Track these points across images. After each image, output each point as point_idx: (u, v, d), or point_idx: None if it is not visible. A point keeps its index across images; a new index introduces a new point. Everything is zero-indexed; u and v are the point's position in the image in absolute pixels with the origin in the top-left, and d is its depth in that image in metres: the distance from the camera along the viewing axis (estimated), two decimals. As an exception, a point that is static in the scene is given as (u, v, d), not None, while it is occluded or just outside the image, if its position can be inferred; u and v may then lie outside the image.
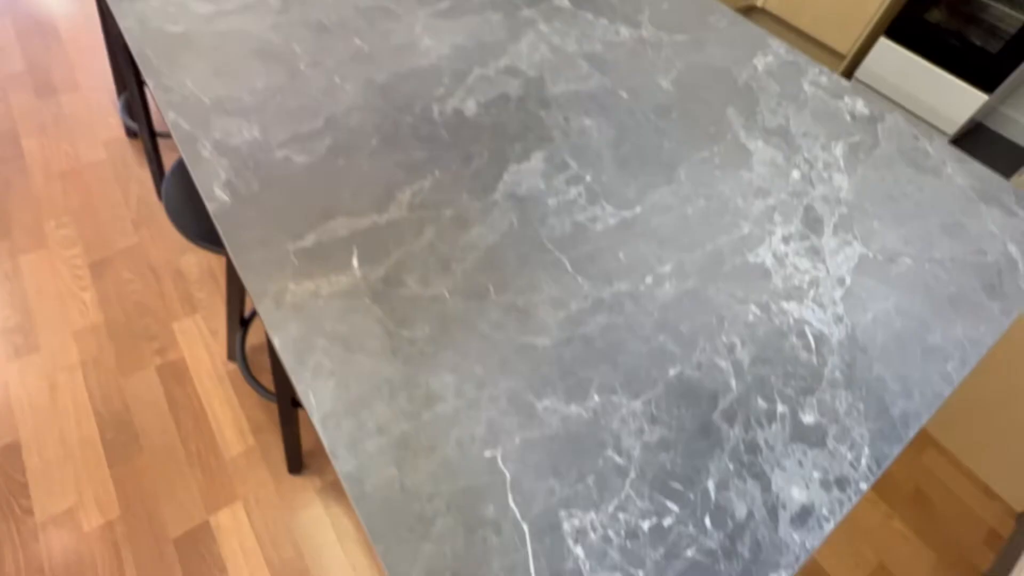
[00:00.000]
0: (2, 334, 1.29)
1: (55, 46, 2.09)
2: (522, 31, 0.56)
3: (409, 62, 0.49)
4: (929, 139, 0.54)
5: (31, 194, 1.59)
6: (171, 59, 0.44)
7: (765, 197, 0.44)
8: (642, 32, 0.60)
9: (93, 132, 1.80)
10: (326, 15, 0.52)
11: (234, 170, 0.37)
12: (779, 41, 0.64)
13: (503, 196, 0.39)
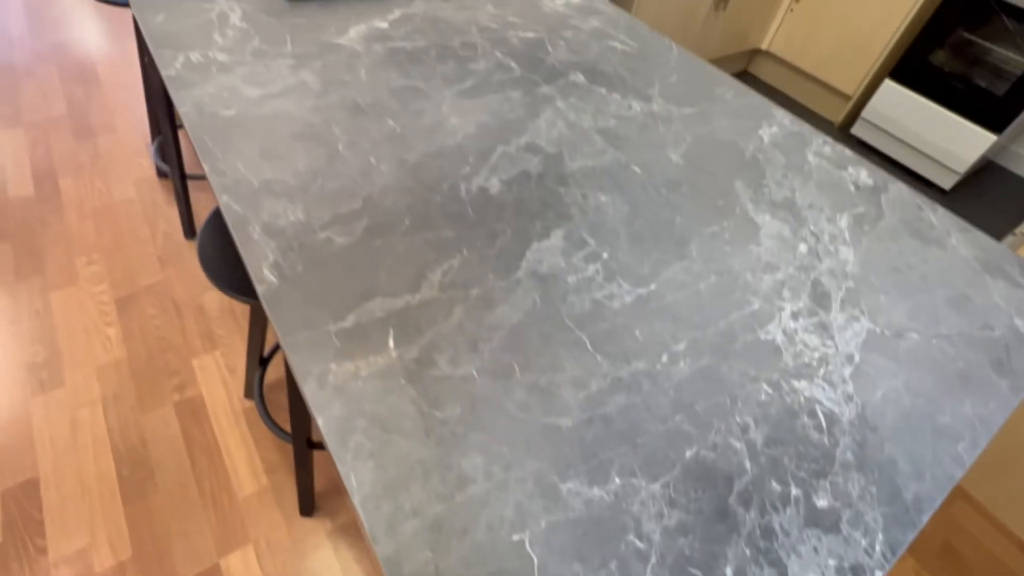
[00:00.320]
0: (29, 369, 1.33)
1: (95, 90, 2.20)
2: (541, 108, 0.60)
3: (438, 141, 0.53)
4: (932, 209, 0.57)
5: (65, 232, 1.66)
6: (224, 143, 0.48)
7: (774, 272, 0.47)
8: (653, 106, 0.64)
9: (126, 172, 1.88)
10: (361, 96, 0.56)
11: (281, 252, 0.40)
12: (783, 111, 0.67)
13: (526, 274, 0.42)
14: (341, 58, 0.62)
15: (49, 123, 2.06)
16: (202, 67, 0.57)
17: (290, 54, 0.61)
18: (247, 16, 0.66)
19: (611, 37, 0.76)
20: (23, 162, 1.86)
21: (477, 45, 0.68)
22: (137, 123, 2.09)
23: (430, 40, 0.68)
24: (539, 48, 0.70)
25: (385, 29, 0.68)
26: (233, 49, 0.60)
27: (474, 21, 0.73)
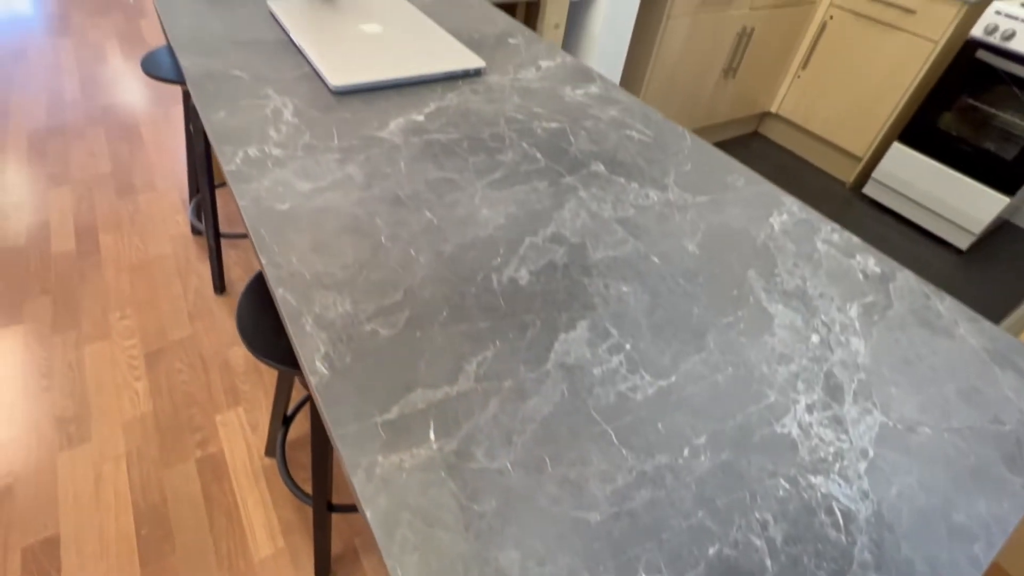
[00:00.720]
0: (59, 424, 1.37)
1: (138, 150, 2.34)
2: (565, 198, 0.65)
3: (471, 233, 0.57)
4: (940, 298, 0.59)
5: (102, 286, 1.73)
6: (279, 237, 0.53)
7: (788, 364, 0.49)
8: (669, 195, 0.68)
9: (163, 229, 1.97)
10: (401, 189, 0.62)
11: (331, 344, 0.44)
12: (792, 198, 0.71)
13: (554, 366, 0.45)
14: (383, 151, 0.68)
15: (94, 181, 2.18)
16: (259, 162, 0.63)
17: (337, 148, 0.67)
18: (298, 111, 0.73)
19: (628, 126, 0.82)
20: (67, 218, 1.97)
21: (505, 136, 0.74)
22: (176, 182, 2.21)
23: (462, 132, 0.74)
24: (562, 138, 0.76)
25: (421, 122, 0.75)
26: (286, 144, 0.66)
27: (502, 113, 0.80)
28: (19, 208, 1.98)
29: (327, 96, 0.77)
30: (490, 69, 0.92)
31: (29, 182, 2.09)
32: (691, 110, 2.58)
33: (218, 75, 0.78)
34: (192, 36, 0.87)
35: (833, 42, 2.61)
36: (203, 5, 0.98)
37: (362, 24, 0.94)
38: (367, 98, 0.78)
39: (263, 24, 0.94)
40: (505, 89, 0.86)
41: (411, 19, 0.99)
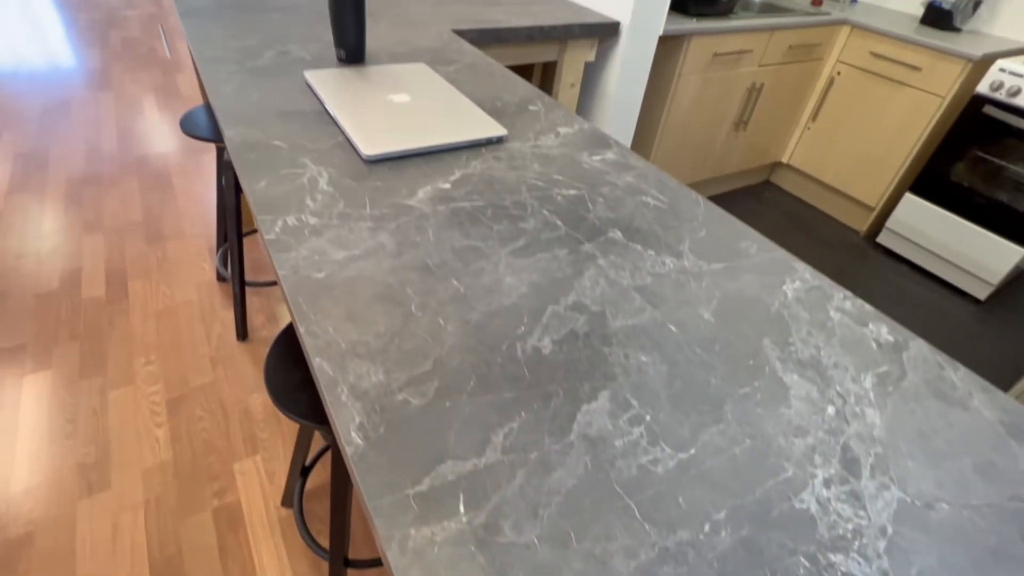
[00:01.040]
0: (80, 470, 1.39)
1: (169, 199, 2.44)
2: (584, 266, 0.68)
3: (496, 301, 0.60)
4: (954, 368, 0.61)
5: (129, 332, 1.78)
6: (316, 305, 0.56)
7: (804, 436, 0.50)
8: (684, 262, 0.71)
9: (189, 275, 2.04)
10: (430, 257, 0.65)
11: (365, 414, 0.46)
12: (804, 265, 0.74)
13: (578, 438, 0.47)
14: (412, 219, 0.72)
15: (126, 228, 2.27)
16: (297, 230, 0.67)
17: (369, 216, 0.71)
18: (332, 180, 0.78)
19: (644, 192, 0.86)
20: (99, 265, 2.04)
21: (527, 204, 0.78)
22: (203, 229, 2.29)
23: (486, 200, 0.78)
24: (580, 206, 0.80)
25: (448, 190, 0.79)
26: (322, 212, 0.71)
27: (523, 180, 0.84)
28: (54, 254, 2.06)
29: (360, 165, 0.82)
30: (512, 136, 0.97)
31: (65, 229, 2.19)
32: (703, 161, 2.64)
33: (259, 145, 0.84)
34: (235, 106, 0.94)
35: (842, 96, 2.68)
36: (246, 75, 1.06)
37: (392, 95, 1.01)
38: (397, 166, 0.83)
39: (300, 94, 1.01)
40: (526, 156, 0.91)
41: (438, 89, 1.06)
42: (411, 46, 1.33)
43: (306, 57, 1.18)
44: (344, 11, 1.10)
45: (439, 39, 1.41)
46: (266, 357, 0.88)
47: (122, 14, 4.65)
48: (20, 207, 2.27)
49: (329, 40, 1.30)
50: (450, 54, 1.32)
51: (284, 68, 1.12)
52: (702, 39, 2.15)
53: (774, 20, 2.34)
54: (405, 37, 1.39)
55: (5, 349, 1.66)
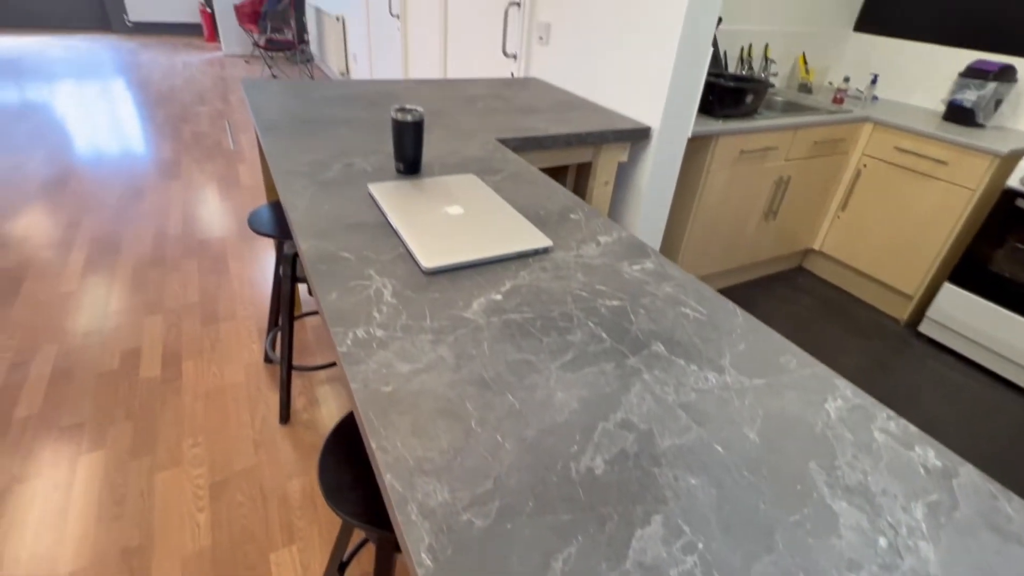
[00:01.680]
0: (123, 556, 1.42)
1: (225, 282, 2.60)
2: (631, 381, 0.72)
3: (549, 418, 0.64)
4: (1008, 498, 0.60)
5: (180, 412, 1.86)
6: (386, 419, 0.61)
7: (858, 571, 0.51)
8: (726, 378, 0.74)
9: (238, 356, 2.13)
10: (486, 371, 0.70)
11: (433, 534, 0.49)
12: (845, 381, 0.76)
13: (633, 565, 0.49)
14: (468, 332, 0.78)
15: (184, 309, 2.42)
16: (366, 343, 0.74)
17: (429, 329, 0.78)
18: (396, 292, 0.85)
19: (683, 303, 0.90)
20: (157, 345, 2.17)
21: (573, 315, 0.84)
22: (254, 311, 2.42)
23: (535, 311, 0.84)
24: (623, 317, 0.85)
25: (499, 301, 0.86)
26: (387, 324, 0.78)
27: (568, 291, 0.90)
28: (117, 334, 2.20)
29: (420, 276, 0.90)
30: (556, 246, 1.05)
31: (129, 310, 2.35)
32: (734, 249, 2.70)
33: (329, 257, 0.93)
34: (308, 219, 1.05)
35: (870, 187, 2.74)
36: (317, 188, 1.18)
37: (446, 207, 1.11)
38: (453, 277, 0.90)
39: (365, 206, 1.12)
40: (570, 266, 0.98)
41: (487, 200, 1.16)
42: (460, 156, 1.47)
43: (368, 169, 1.32)
44: (405, 135, 1.24)
45: (484, 148, 1.55)
46: (320, 456, 0.92)
47: (194, 110, 5.18)
48: (91, 288, 2.46)
49: (388, 151, 1.44)
50: (495, 163, 1.44)
51: (350, 179, 1.25)
52: (729, 138, 2.28)
53: (797, 119, 2.46)
54: (455, 147, 1.53)
55: (66, 427, 1.75)
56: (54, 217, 3.03)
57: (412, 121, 1.24)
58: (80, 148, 3.99)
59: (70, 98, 5.13)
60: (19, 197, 3.21)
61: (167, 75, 6.31)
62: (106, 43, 7.67)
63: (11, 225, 2.92)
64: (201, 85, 6.03)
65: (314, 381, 2.05)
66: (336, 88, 2.01)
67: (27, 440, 1.69)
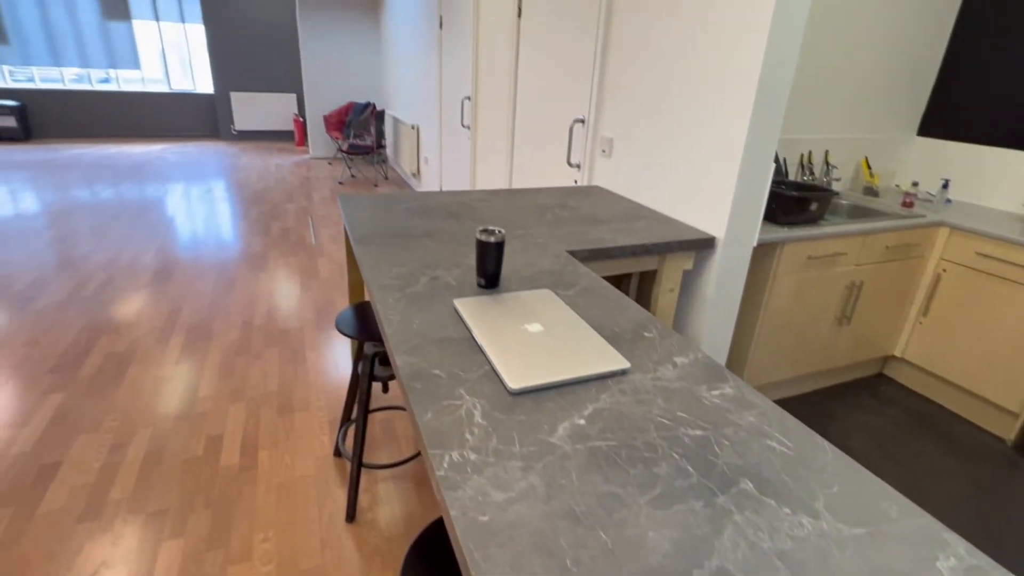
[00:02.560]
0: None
1: (301, 372, 2.74)
2: (722, 523, 0.71)
3: (642, 560, 0.65)
4: None
5: (253, 504, 1.92)
6: (485, 553, 0.64)
7: None
8: (823, 524, 0.72)
9: (309, 448, 2.21)
10: (576, 503, 0.72)
11: None
12: (956, 536, 0.72)
13: None
14: (556, 459, 0.81)
15: (263, 398, 2.56)
16: (461, 467, 0.78)
17: (519, 454, 0.81)
18: (485, 413, 0.90)
19: (768, 435, 0.90)
20: (237, 433, 2.28)
21: (657, 445, 0.85)
22: (327, 403, 2.52)
23: (619, 439, 0.86)
24: (708, 449, 0.85)
25: (583, 426, 0.89)
26: (480, 448, 0.82)
27: (650, 417, 0.92)
28: (203, 420, 2.34)
29: (506, 396, 0.94)
30: (633, 366, 1.08)
31: (215, 396, 2.51)
32: (805, 356, 2.61)
33: (423, 374, 1.00)
34: (402, 335, 1.14)
35: (953, 292, 2.63)
36: (407, 302, 1.29)
37: (526, 324, 1.18)
38: (537, 398, 0.95)
39: (451, 321, 1.21)
40: (649, 390, 1.00)
41: (564, 317, 1.22)
42: (535, 268, 1.56)
43: (452, 282, 1.42)
44: (488, 254, 1.35)
45: (557, 261, 1.64)
46: (402, 570, 0.94)
47: (283, 207, 5.74)
48: (185, 374, 2.66)
49: (469, 264, 1.56)
50: (568, 276, 1.52)
51: (436, 293, 1.35)
52: (794, 245, 2.29)
53: (866, 226, 2.45)
54: (530, 259, 1.63)
55: (152, 512, 1.84)
56: (159, 305, 3.36)
57: (495, 242, 1.35)
58: (185, 242, 4.48)
59: (181, 198, 5.84)
60: (134, 287, 3.60)
61: (262, 176, 7.10)
62: (214, 149, 8.79)
63: (126, 312, 3.26)
64: (290, 185, 6.72)
65: (377, 477, 2.08)
66: (418, 200, 2.22)
67: (118, 524, 1.79)
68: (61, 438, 2.19)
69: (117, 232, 4.65)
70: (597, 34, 2.61)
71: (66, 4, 8.41)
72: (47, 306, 3.28)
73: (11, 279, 3.62)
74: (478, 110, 4.36)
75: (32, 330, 3.00)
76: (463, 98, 4.60)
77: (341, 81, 8.25)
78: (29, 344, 2.86)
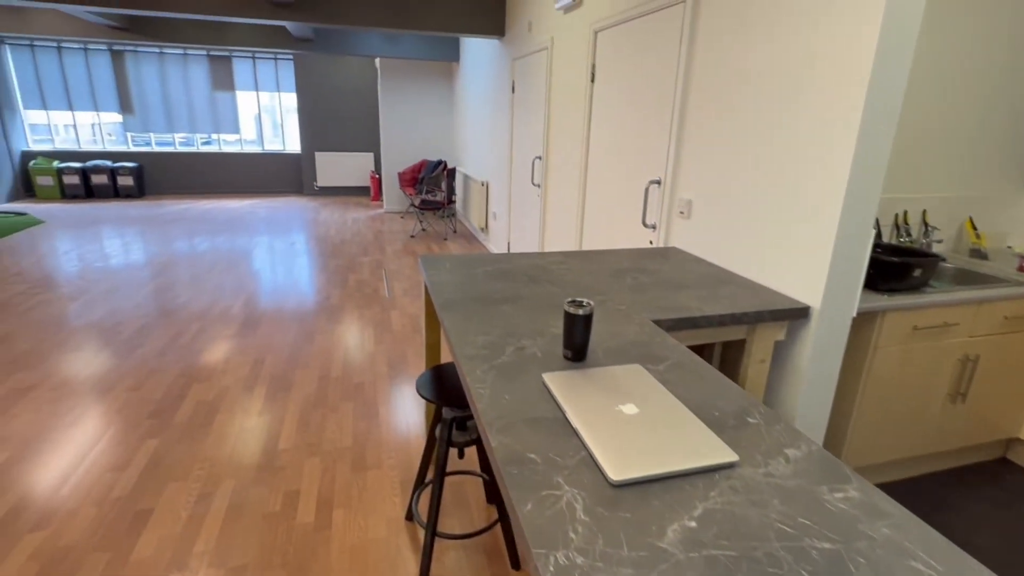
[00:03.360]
0: None
1: (375, 428, 2.77)
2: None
3: None
4: None
5: (327, 566, 1.90)
6: None
7: None
8: None
9: (381, 509, 2.19)
10: (701, 630, 0.65)
11: None
12: None
13: None
14: (670, 568, 0.74)
15: (338, 453, 2.59)
16: (568, 571, 0.73)
17: (628, 560, 0.75)
18: (587, 508, 0.85)
19: (911, 555, 0.79)
20: (313, 489, 2.31)
21: (781, 560, 0.77)
22: (398, 462, 2.52)
23: (737, 548, 0.79)
24: (842, 568, 0.76)
25: (695, 530, 0.82)
26: (586, 550, 0.77)
27: (768, 523, 0.84)
28: (282, 474, 2.39)
29: (607, 488, 0.90)
30: (741, 459, 1.00)
31: (294, 449, 2.57)
32: (913, 437, 2.36)
33: (518, 458, 0.97)
34: (493, 410, 1.12)
35: (1087, 373, 2.33)
36: (496, 375, 1.28)
37: (620, 404, 1.13)
38: (640, 493, 0.89)
39: (541, 397, 1.18)
40: (762, 488, 0.92)
41: (659, 398, 1.16)
42: (621, 339, 1.52)
43: (538, 354, 1.41)
44: (576, 327, 1.33)
45: (642, 331, 1.59)
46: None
47: (359, 260, 6.03)
48: (266, 426, 2.76)
49: (553, 333, 1.54)
50: (656, 348, 1.47)
51: (523, 365, 1.33)
52: (897, 314, 2.12)
53: (978, 293, 2.24)
54: (614, 329, 1.59)
55: (232, 568, 1.87)
56: (246, 355, 3.55)
57: (583, 315, 1.33)
58: (271, 293, 4.77)
59: (268, 250, 6.28)
60: (224, 336, 3.85)
61: (340, 230, 7.53)
62: (298, 204, 9.47)
63: (216, 360, 3.46)
64: (365, 238, 7.07)
65: (448, 545, 2.03)
66: (496, 263, 2.25)
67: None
68: (154, 484, 2.30)
69: (212, 283, 5.03)
70: (674, 95, 2.63)
71: (184, 80, 9.56)
72: (149, 352, 3.55)
73: (121, 326, 3.96)
74: (548, 169, 4.47)
75: (136, 375, 3.24)
76: (534, 158, 4.74)
77: (415, 140, 8.76)
78: (132, 389, 3.09)
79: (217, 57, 9.58)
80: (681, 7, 2.53)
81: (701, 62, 2.42)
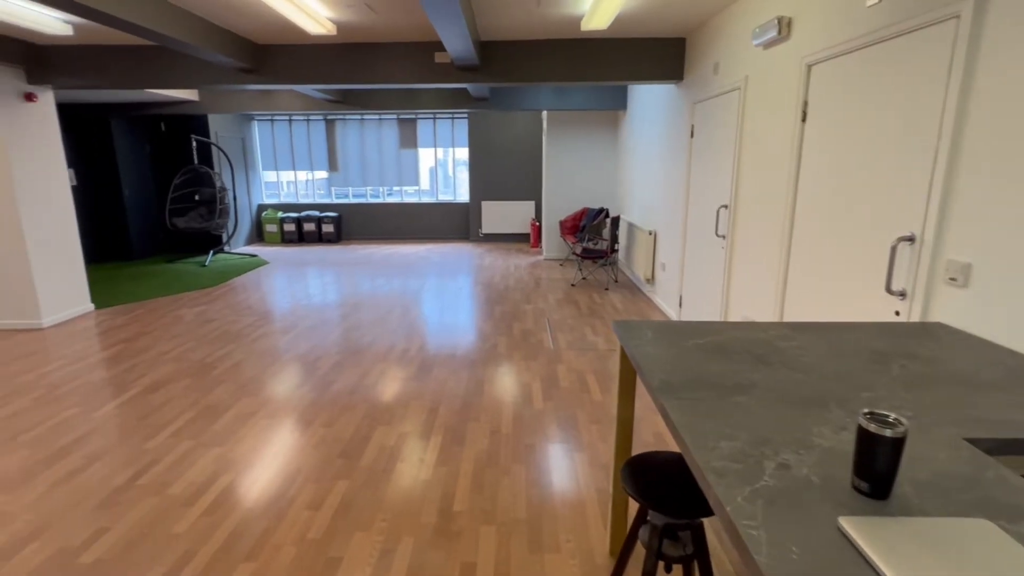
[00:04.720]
0: None
1: (548, 501, 2.52)
2: None
3: None
4: None
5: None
6: None
7: None
8: None
9: (563, 606, 1.90)
10: None
11: None
12: None
13: None
14: None
15: (513, 525, 2.39)
16: None
17: None
18: None
19: None
20: (489, 566, 2.12)
21: None
22: (578, 550, 2.25)
23: None
24: None
25: None
26: None
27: None
28: (459, 541, 2.26)
29: None
30: None
31: (468, 512, 2.43)
32: None
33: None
34: (781, 570, 0.82)
35: None
36: (764, 507, 0.97)
37: (992, 595, 0.75)
38: None
39: (843, 555, 0.85)
40: None
41: None
42: (929, 468, 1.11)
43: (813, 478, 1.07)
44: (880, 452, 0.97)
45: (958, 455, 1.15)
46: None
47: (522, 308, 6.04)
48: (441, 482, 2.71)
49: (819, 445, 1.18)
50: (995, 490, 1.03)
51: (797, 494, 1.01)
52: None
53: None
54: (917, 451, 1.18)
55: (412, 651, 1.75)
56: (422, 401, 3.63)
57: (894, 437, 0.97)
58: (443, 338, 4.94)
59: (439, 294, 6.63)
60: (403, 379, 4.01)
61: (503, 276, 7.73)
62: (465, 249, 10.04)
63: (396, 404, 3.59)
64: (527, 285, 7.14)
65: (647, 674, 1.68)
66: (705, 334, 1.93)
67: (382, 658, 1.73)
68: (344, 529, 2.33)
69: (392, 324, 5.39)
70: (939, 132, 2.11)
71: (378, 140, 10.92)
72: (342, 390, 3.81)
73: (319, 361, 4.36)
74: (736, 219, 4.03)
75: (330, 411, 3.47)
76: (719, 206, 4.33)
77: (576, 188, 8.79)
78: (326, 425, 3.29)
79: (405, 119, 10.79)
80: (954, 23, 2.04)
81: (987, 87, 1.90)
